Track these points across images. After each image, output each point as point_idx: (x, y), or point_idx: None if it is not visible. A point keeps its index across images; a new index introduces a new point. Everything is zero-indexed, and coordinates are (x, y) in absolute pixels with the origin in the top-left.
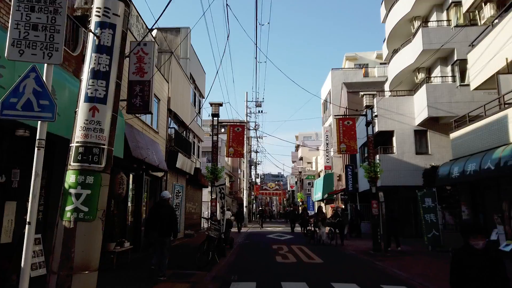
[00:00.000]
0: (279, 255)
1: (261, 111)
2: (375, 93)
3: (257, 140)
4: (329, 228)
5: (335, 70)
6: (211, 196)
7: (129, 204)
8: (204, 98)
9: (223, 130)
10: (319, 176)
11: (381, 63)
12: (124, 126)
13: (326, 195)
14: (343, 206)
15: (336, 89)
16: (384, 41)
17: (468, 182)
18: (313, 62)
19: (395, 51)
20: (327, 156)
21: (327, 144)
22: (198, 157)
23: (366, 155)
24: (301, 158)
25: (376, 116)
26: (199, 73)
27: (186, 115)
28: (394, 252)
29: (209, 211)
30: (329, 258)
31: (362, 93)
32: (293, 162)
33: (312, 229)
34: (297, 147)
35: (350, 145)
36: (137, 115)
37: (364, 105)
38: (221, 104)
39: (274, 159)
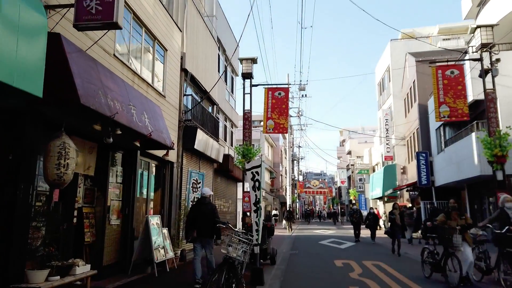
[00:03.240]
0: (353, 284)
1: (305, 95)
2: (496, 24)
3: (301, 129)
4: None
5: (395, 41)
6: (243, 189)
7: (111, 197)
8: (237, 75)
9: (261, 123)
10: (374, 170)
11: (444, 39)
12: (45, 34)
13: (389, 191)
14: (410, 205)
15: (397, 64)
16: None
17: None
18: (363, 42)
19: (483, 3)
20: (387, 144)
21: (387, 130)
22: (231, 145)
23: (448, 137)
24: (349, 152)
25: (498, 60)
26: (229, 40)
27: (210, 84)
28: None
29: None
30: None
31: (473, 26)
32: (339, 158)
33: (433, 246)
34: (343, 141)
35: (457, 106)
36: (120, 56)
37: (480, 42)
38: (255, 60)
39: (319, 149)
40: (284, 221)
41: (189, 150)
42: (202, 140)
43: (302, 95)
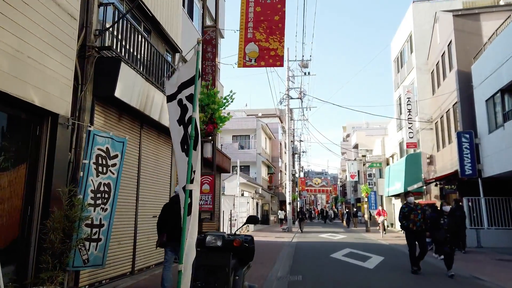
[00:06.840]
0: None
1: (308, 73)
2: None
3: (303, 116)
4: None
5: (418, 3)
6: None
7: None
8: (223, 37)
9: (263, 113)
10: (388, 163)
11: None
12: None
13: (418, 184)
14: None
15: (421, 29)
16: None
17: None
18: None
19: None
20: (410, 128)
21: (409, 110)
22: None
23: (510, 107)
24: (355, 146)
25: None
26: None
27: (167, 16)
28: None
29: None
30: None
31: None
32: (343, 154)
33: None
34: (347, 136)
35: None
36: None
37: None
38: None
39: (322, 135)
40: (296, 222)
41: (112, 103)
42: (136, 87)
43: (305, 73)
